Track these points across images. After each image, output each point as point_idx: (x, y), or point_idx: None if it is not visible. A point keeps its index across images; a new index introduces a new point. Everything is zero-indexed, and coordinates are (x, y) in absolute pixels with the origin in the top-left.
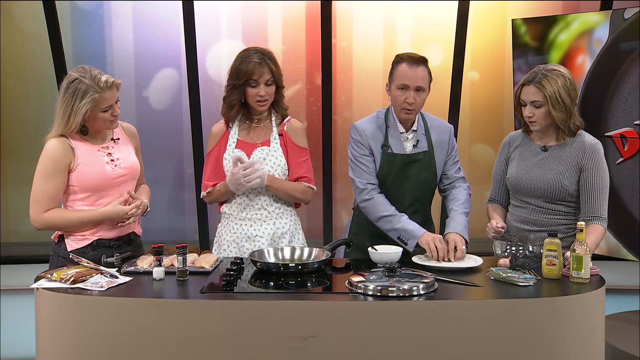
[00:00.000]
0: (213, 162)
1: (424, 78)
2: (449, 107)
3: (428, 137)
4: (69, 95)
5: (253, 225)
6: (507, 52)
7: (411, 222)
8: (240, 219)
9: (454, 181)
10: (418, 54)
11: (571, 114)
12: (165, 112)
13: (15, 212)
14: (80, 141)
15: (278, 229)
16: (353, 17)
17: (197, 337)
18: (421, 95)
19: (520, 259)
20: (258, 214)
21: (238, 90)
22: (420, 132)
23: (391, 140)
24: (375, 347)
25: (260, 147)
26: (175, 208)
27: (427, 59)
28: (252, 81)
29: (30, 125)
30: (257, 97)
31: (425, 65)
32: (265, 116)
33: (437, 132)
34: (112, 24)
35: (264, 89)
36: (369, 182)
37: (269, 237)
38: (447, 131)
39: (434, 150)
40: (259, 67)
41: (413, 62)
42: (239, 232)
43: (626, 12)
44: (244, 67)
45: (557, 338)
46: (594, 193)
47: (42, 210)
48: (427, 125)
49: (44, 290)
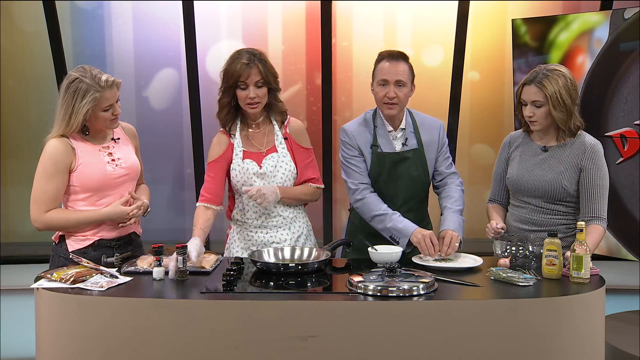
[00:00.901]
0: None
1: (404, 72)
2: (449, 107)
3: (417, 135)
4: (70, 95)
5: (269, 232)
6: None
7: (403, 220)
8: (255, 226)
9: (445, 177)
10: (398, 50)
11: (572, 114)
12: (165, 112)
13: (15, 212)
14: (81, 141)
15: (294, 233)
16: (353, 17)
17: (197, 337)
18: (402, 90)
19: (520, 259)
20: (274, 221)
21: (228, 93)
22: (409, 130)
23: (380, 140)
24: (375, 347)
25: (268, 155)
26: (175, 208)
27: (407, 55)
28: (241, 83)
29: (30, 125)
30: (247, 99)
31: (406, 61)
32: (263, 120)
33: (426, 129)
34: (112, 24)
35: (253, 90)
36: (360, 182)
37: (287, 243)
38: (437, 128)
39: (424, 148)
40: (247, 69)
41: (392, 58)
42: (254, 239)
43: (626, 12)
44: (231, 69)
45: (557, 338)
46: (594, 193)
47: (43, 211)
48: (415, 124)
49: (44, 290)
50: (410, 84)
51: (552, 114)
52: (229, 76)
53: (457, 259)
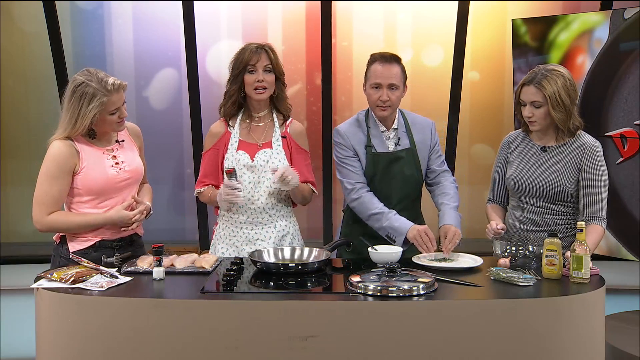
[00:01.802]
0: (209, 162)
1: (396, 75)
2: (449, 107)
3: (409, 135)
4: (76, 99)
5: (254, 228)
6: (507, 52)
7: (399, 219)
8: (241, 222)
9: (438, 174)
10: (390, 53)
11: (571, 115)
12: (165, 112)
13: (15, 212)
14: (85, 144)
15: (279, 231)
16: (353, 17)
17: (197, 337)
18: (395, 93)
19: (520, 259)
20: (259, 217)
21: (236, 80)
22: (401, 130)
23: (374, 140)
24: (375, 347)
25: (262, 149)
26: (175, 208)
27: (400, 57)
28: (250, 67)
29: (30, 125)
30: (254, 83)
31: (399, 63)
32: (266, 114)
33: (418, 128)
34: (112, 24)
35: (262, 74)
36: (357, 181)
37: (271, 240)
38: (428, 126)
39: (417, 147)
40: (256, 54)
41: (385, 61)
42: (239, 235)
43: (626, 12)
44: (240, 56)
45: (557, 338)
46: (593, 193)
47: (45, 213)
48: (407, 123)
49: (44, 290)
50: (403, 86)
51: (552, 114)
52: (239, 63)
53: (457, 259)
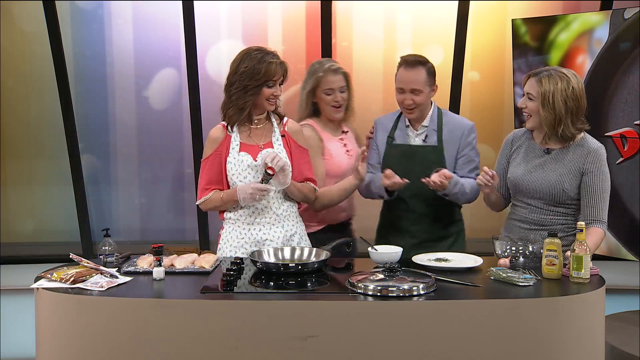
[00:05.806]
0: (212, 167)
1: (418, 81)
2: (449, 107)
3: (439, 134)
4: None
5: (262, 229)
6: (507, 52)
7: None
8: (248, 224)
9: None
10: (416, 56)
11: (561, 121)
12: (165, 112)
13: (15, 212)
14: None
15: (287, 231)
16: (353, 17)
17: (197, 337)
18: (419, 96)
19: (521, 259)
20: (267, 217)
21: (252, 91)
22: (432, 128)
23: (397, 132)
24: (375, 347)
25: (264, 149)
26: (175, 208)
27: (425, 60)
28: (271, 82)
29: (30, 125)
30: (271, 96)
31: (424, 66)
32: (264, 117)
33: (449, 129)
34: (112, 24)
35: (278, 88)
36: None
37: (280, 240)
38: (461, 128)
39: (444, 146)
40: (280, 68)
41: (408, 66)
42: (247, 237)
43: (626, 12)
44: (264, 68)
45: (557, 338)
46: (595, 197)
47: None
48: (441, 122)
49: (44, 290)
50: (429, 88)
51: (540, 112)
52: (261, 75)
53: (457, 259)
